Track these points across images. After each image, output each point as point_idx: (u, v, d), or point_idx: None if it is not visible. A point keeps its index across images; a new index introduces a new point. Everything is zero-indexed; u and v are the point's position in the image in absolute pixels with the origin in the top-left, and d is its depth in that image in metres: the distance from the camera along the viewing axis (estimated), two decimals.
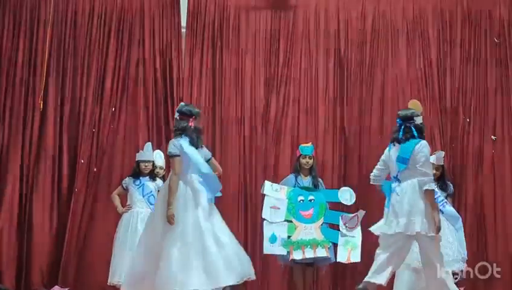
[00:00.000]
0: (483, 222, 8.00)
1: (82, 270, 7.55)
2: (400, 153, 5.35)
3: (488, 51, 8.34)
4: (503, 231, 7.96)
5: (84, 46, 8.03)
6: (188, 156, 5.31)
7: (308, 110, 8.18)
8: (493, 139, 8.16)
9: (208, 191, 5.33)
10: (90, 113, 7.89)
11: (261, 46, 8.26)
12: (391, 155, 5.46)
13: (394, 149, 5.45)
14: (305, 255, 6.46)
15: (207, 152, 5.61)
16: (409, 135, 5.41)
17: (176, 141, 5.40)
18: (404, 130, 5.40)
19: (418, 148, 5.33)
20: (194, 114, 5.51)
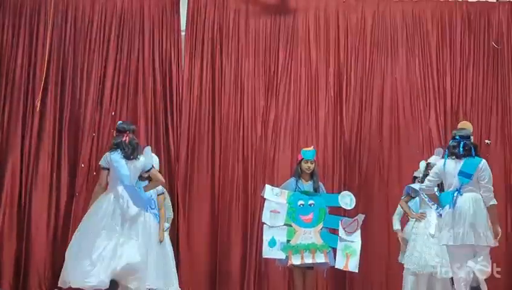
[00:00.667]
0: None
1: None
2: (463, 169, 5.86)
3: (486, 54, 8.42)
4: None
5: (83, 49, 8.11)
6: (114, 169, 5.83)
7: (308, 114, 8.26)
8: (487, 144, 8.20)
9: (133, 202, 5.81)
10: (90, 117, 7.95)
11: (261, 50, 8.35)
12: (449, 168, 5.93)
13: (453, 163, 5.93)
14: (304, 261, 6.49)
15: (148, 163, 6.04)
16: (469, 151, 5.93)
17: (108, 155, 5.95)
18: (464, 147, 5.93)
19: (482, 166, 5.86)
20: (128, 130, 6.05)
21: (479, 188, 5.82)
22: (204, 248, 7.95)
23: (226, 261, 7.91)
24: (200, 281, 7.85)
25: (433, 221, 6.67)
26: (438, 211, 6.65)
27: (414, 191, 6.92)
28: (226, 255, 7.92)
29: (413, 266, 6.67)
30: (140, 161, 6.00)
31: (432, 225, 6.66)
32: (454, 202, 5.82)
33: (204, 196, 8.02)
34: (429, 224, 6.68)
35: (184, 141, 8.06)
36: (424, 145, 8.17)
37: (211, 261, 7.92)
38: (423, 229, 6.72)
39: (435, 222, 6.64)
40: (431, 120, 8.27)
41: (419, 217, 6.77)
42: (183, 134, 8.08)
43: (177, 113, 8.12)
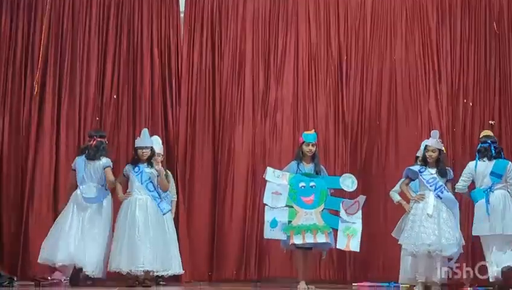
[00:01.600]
0: None
1: None
2: (495, 169, 6.94)
3: (487, 36, 8.46)
4: None
5: (83, 31, 8.12)
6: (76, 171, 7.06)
7: (308, 95, 8.33)
8: (491, 124, 8.28)
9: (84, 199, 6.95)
10: (93, 101, 8.00)
11: (260, 30, 8.40)
12: (480, 169, 7.00)
13: (483, 165, 7.00)
14: (306, 240, 6.60)
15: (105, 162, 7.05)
16: (499, 154, 7.05)
17: (76, 158, 7.12)
18: (495, 149, 7.03)
19: (509, 167, 6.99)
20: (95, 135, 7.15)
21: (506, 186, 6.91)
22: (204, 229, 8.04)
23: (226, 242, 8.00)
24: (199, 263, 7.95)
25: (431, 202, 6.79)
26: (436, 192, 6.79)
27: (413, 173, 7.02)
28: (226, 237, 8.01)
29: (411, 246, 6.78)
30: (102, 161, 7.00)
31: (430, 206, 6.78)
32: (488, 198, 6.87)
33: (204, 177, 8.11)
34: (427, 205, 6.80)
35: (183, 122, 8.13)
36: (422, 127, 8.24)
37: (211, 243, 8.02)
38: (421, 210, 6.83)
39: (433, 203, 6.76)
40: (430, 102, 8.33)
41: (418, 199, 6.87)
42: (182, 115, 8.14)
43: (176, 94, 8.17)
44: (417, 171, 6.96)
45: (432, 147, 6.92)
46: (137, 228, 6.72)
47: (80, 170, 7.00)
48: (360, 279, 7.91)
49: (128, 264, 6.64)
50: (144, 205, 6.81)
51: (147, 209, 6.81)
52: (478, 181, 7.03)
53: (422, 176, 6.90)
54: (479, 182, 7.02)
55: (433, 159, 6.90)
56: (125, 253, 6.65)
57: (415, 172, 6.99)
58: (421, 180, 6.94)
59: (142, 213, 6.79)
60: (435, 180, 6.88)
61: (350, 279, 7.94)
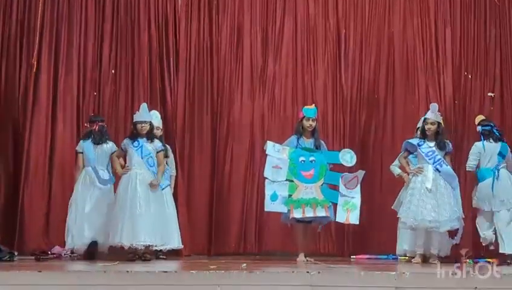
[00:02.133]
0: None
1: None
2: (502, 150, 7.10)
3: (487, 8, 8.50)
4: None
5: (79, 7, 8.09)
6: (84, 154, 7.20)
7: (307, 69, 8.38)
8: (491, 96, 8.31)
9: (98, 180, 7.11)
10: (91, 76, 7.97)
11: (258, 5, 8.42)
12: (488, 149, 7.09)
13: (491, 145, 7.10)
14: (305, 214, 6.67)
15: (112, 147, 7.22)
16: (501, 136, 7.26)
17: (81, 142, 7.26)
18: (498, 131, 7.23)
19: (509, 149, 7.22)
20: (96, 120, 7.31)
21: (506, 166, 7.11)
22: (204, 204, 8.11)
23: (225, 217, 8.09)
24: (199, 237, 8.04)
25: (430, 175, 6.84)
26: (435, 165, 6.84)
27: (412, 147, 7.06)
28: (225, 211, 8.10)
29: (410, 220, 6.84)
30: (109, 145, 7.20)
31: (429, 180, 6.82)
32: (497, 176, 7.01)
33: (203, 152, 8.16)
34: (426, 178, 6.85)
35: (181, 97, 8.18)
36: (419, 100, 8.29)
37: (210, 218, 8.09)
38: (420, 184, 6.88)
39: (432, 177, 6.81)
40: (428, 75, 8.37)
41: (417, 172, 6.92)
42: (180, 90, 8.17)
43: (174, 69, 8.19)
44: (415, 144, 6.99)
45: (431, 120, 6.95)
46: (139, 203, 6.74)
47: (90, 153, 7.15)
48: (359, 252, 7.98)
49: (130, 239, 6.68)
50: (144, 180, 6.82)
51: (147, 184, 6.84)
52: (485, 161, 7.10)
53: (421, 149, 6.94)
54: (485, 161, 7.10)
55: (432, 131, 6.94)
56: (126, 228, 6.67)
57: (414, 145, 7.02)
58: (420, 154, 6.97)
59: (143, 188, 6.80)
60: (434, 153, 6.92)
61: (348, 252, 8.03)
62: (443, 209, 6.74)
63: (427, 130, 6.96)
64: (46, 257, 7.13)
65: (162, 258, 7.11)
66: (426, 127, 6.96)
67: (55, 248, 7.39)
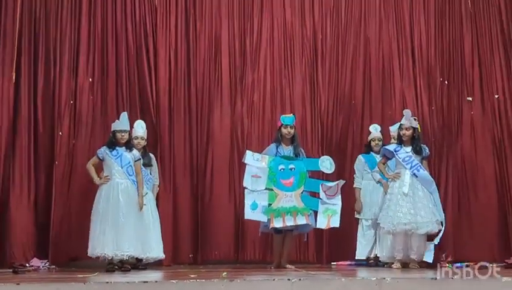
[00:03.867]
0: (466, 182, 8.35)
1: (61, 242, 7.64)
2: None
3: (463, 14, 8.62)
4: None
5: (55, 15, 8.01)
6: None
7: (285, 75, 8.42)
8: (469, 100, 8.42)
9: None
10: (66, 84, 7.92)
11: (235, 12, 8.44)
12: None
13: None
14: (286, 223, 6.71)
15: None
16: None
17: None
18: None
19: None
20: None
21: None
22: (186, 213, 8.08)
23: (208, 226, 8.07)
24: (181, 247, 8.01)
25: (407, 181, 6.92)
26: (412, 170, 6.92)
27: (389, 152, 7.14)
28: (208, 220, 8.09)
29: (388, 225, 6.92)
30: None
31: (405, 185, 6.91)
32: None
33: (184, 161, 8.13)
34: (403, 183, 6.93)
35: (162, 107, 8.13)
36: (396, 106, 8.37)
37: (192, 227, 8.08)
38: (397, 189, 6.96)
39: (409, 181, 6.89)
40: (404, 81, 8.46)
41: (394, 177, 7.00)
42: (160, 100, 8.13)
43: (154, 79, 8.16)
44: (392, 150, 7.08)
45: (405, 126, 7.06)
46: (122, 213, 6.73)
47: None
48: (337, 259, 8.01)
49: (114, 249, 6.66)
50: (126, 190, 6.80)
51: (129, 194, 6.82)
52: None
53: (398, 155, 7.03)
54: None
55: (407, 137, 7.04)
56: (109, 238, 6.65)
57: (391, 151, 7.10)
58: (397, 159, 7.06)
59: (125, 198, 6.78)
60: (411, 158, 7.01)
61: (327, 259, 8.06)
62: (420, 212, 6.82)
63: (402, 135, 7.06)
64: (24, 269, 7.07)
65: (141, 269, 7.09)
66: (401, 133, 7.06)
67: (34, 260, 7.35)
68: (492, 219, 8.27)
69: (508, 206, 8.25)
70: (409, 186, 6.89)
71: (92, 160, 7.04)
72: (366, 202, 7.62)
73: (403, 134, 7.06)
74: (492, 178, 8.35)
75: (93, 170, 6.99)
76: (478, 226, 8.22)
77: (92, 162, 7.02)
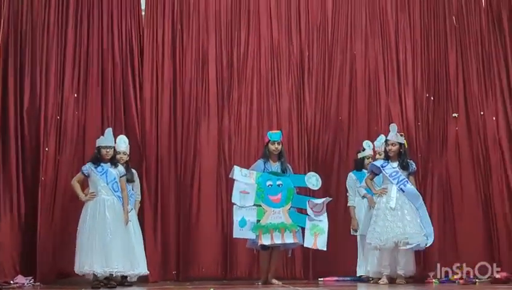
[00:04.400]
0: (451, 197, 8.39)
1: (47, 259, 7.55)
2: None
3: (447, 29, 8.69)
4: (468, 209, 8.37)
5: (41, 31, 7.97)
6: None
7: (271, 91, 8.43)
8: (454, 117, 8.49)
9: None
10: (53, 100, 7.86)
11: (223, 28, 8.46)
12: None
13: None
14: (274, 241, 6.70)
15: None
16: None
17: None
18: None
19: None
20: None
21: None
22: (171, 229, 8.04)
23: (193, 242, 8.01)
24: (167, 263, 7.96)
25: (394, 195, 6.95)
26: (399, 186, 6.95)
27: (376, 168, 7.16)
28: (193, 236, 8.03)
29: (375, 241, 6.92)
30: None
31: (392, 199, 6.93)
32: None
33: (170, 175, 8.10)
34: (390, 198, 6.95)
35: (148, 122, 8.11)
36: (382, 122, 8.40)
37: (178, 243, 8.02)
38: (384, 204, 6.98)
39: (396, 196, 6.92)
40: (390, 97, 8.50)
41: (381, 193, 7.02)
42: (146, 115, 8.11)
43: (139, 93, 8.15)
44: (379, 166, 7.10)
45: (391, 141, 7.08)
46: (109, 230, 6.70)
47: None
48: (323, 275, 8.00)
49: (102, 266, 6.63)
50: (112, 206, 6.79)
51: (115, 210, 6.80)
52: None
53: (385, 170, 7.06)
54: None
55: (393, 152, 7.06)
56: (98, 255, 6.63)
57: (378, 167, 7.13)
58: (384, 175, 7.09)
59: (112, 214, 6.77)
60: (397, 173, 7.04)
61: (313, 275, 8.05)
62: (409, 224, 6.84)
63: (388, 151, 7.08)
64: (9, 286, 7.01)
65: (127, 285, 7.05)
66: (387, 149, 7.09)
67: (18, 277, 7.28)
68: (477, 234, 8.27)
69: (492, 222, 8.26)
70: (396, 200, 6.90)
71: (77, 177, 7.03)
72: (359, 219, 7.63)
73: (389, 149, 7.08)
74: (476, 194, 8.36)
75: (78, 186, 6.99)
76: (463, 241, 8.22)
77: (77, 179, 7.02)
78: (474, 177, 8.40)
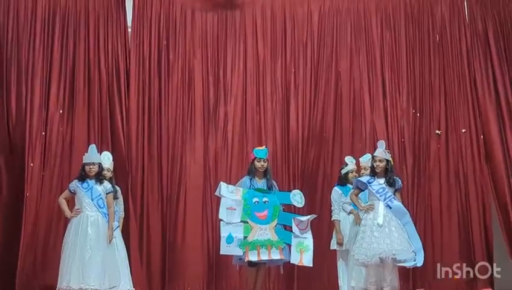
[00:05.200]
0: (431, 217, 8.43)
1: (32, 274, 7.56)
2: None
3: (431, 46, 8.78)
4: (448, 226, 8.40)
5: (28, 47, 8.03)
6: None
7: (257, 109, 8.49)
8: (437, 134, 8.53)
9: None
10: (38, 116, 7.88)
11: (209, 45, 8.54)
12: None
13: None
14: (261, 257, 6.70)
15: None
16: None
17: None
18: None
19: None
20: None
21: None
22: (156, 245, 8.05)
23: (179, 259, 8.04)
24: (153, 280, 7.97)
25: (381, 212, 6.93)
26: (386, 202, 6.96)
27: (362, 184, 7.17)
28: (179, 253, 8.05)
29: (362, 257, 6.91)
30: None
31: (380, 216, 6.92)
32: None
33: (156, 192, 8.14)
34: (377, 215, 6.95)
35: (133, 139, 8.16)
36: (366, 138, 8.46)
37: (164, 260, 8.04)
38: (371, 221, 6.97)
39: (383, 213, 6.92)
40: (375, 113, 8.56)
41: (368, 209, 7.01)
42: (132, 132, 8.16)
43: (126, 110, 8.19)
44: (366, 182, 7.11)
45: (379, 157, 7.05)
46: (89, 246, 6.71)
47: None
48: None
49: (79, 282, 6.61)
50: (95, 222, 6.80)
51: (99, 227, 6.81)
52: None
53: (371, 186, 7.04)
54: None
55: (380, 169, 7.04)
56: (75, 270, 6.63)
57: (364, 183, 7.13)
58: (371, 191, 7.08)
59: (94, 230, 6.78)
60: (384, 190, 7.01)
61: None
62: (396, 242, 6.83)
63: (375, 167, 7.07)
64: None
65: None
66: (375, 165, 7.07)
67: None
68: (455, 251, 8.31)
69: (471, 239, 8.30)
70: (383, 217, 6.91)
71: (64, 194, 7.07)
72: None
73: (377, 165, 7.07)
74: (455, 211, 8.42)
75: (64, 203, 7.01)
76: (444, 257, 8.25)
77: (64, 196, 7.05)
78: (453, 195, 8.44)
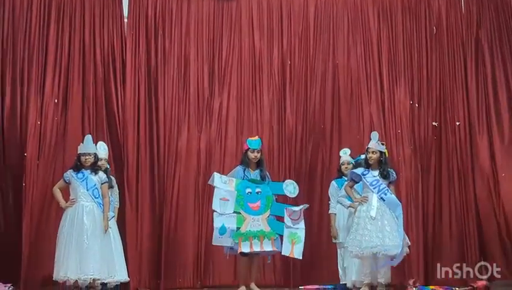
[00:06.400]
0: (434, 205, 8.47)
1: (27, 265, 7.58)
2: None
3: (428, 38, 8.78)
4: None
5: (23, 37, 8.03)
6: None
7: (252, 99, 8.50)
8: (434, 125, 8.56)
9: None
10: (33, 105, 7.89)
11: (204, 36, 8.54)
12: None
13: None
14: (253, 248, 6.74)
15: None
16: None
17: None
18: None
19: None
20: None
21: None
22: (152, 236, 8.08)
23: (173, 250, 8.06)
24: (148, 270, 8.00)
25: (375, 204, 6.97)
26: (379, 194, 7.00)
27: (357, 176, 7.20)
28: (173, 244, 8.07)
29: (356, 249, 6.95)
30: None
31: (373, 208, 6.95)
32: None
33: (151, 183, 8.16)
34: (371, 207, 6.98)
35: (130, 129, 8.16)
36: (364, 130, 8.47)
37: (159, 250, 8.06)
38: (365, 213, 7.01)
39: (376, 205, 6.95)
40: (372, 105, 8.58)
41: (362, 201, 7.04)
42: (127, 122, 8.16)
43: (122, 100, 8.20)
44: (360, 174, 7.14)
45: (372, 149, 7.06)
46: (86, 236, 6.73)
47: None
48: (304, 282, 8.06)
49: (77, 272, 6.65)
50: (91, 212, 6.82)
51: (94, 217, 6.83)
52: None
53: (366, 179, 7.06)
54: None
55: (374, 160, 7.05)
56: (73, 261, 6.65)
57: (358, 175, 7.16)
58: (365, 183, 7.11)
59: (90, 220, 6.80)
60: (378, 182, 7.04)
61: (293, 282, 8.10)
62: (388, 235, 6.86)
63: (368, 159, 7.09)
64: None
65: None
66: (368, 156, 7.09)
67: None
68: (453, 244, 8.33)
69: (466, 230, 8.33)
70: (376, 210, 6.94)
71: (59, 184, 7.08)
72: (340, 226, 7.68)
73: (369, 157, 7.08)
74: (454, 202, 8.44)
75: (59, 193, 7.03)
76: (443, 250, 8.29)
77: (59, 186, 7.07)
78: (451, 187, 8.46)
